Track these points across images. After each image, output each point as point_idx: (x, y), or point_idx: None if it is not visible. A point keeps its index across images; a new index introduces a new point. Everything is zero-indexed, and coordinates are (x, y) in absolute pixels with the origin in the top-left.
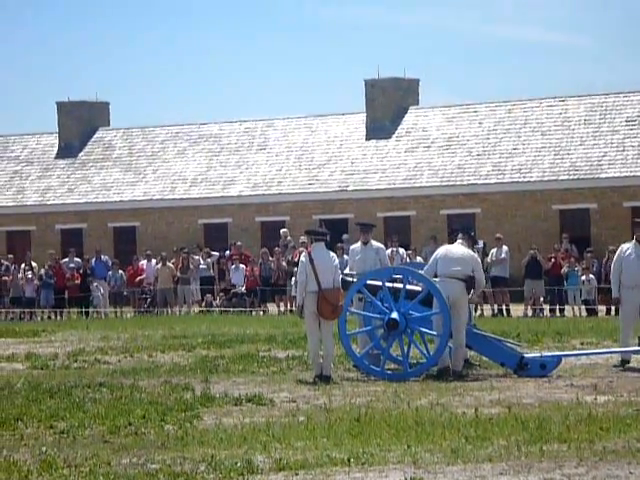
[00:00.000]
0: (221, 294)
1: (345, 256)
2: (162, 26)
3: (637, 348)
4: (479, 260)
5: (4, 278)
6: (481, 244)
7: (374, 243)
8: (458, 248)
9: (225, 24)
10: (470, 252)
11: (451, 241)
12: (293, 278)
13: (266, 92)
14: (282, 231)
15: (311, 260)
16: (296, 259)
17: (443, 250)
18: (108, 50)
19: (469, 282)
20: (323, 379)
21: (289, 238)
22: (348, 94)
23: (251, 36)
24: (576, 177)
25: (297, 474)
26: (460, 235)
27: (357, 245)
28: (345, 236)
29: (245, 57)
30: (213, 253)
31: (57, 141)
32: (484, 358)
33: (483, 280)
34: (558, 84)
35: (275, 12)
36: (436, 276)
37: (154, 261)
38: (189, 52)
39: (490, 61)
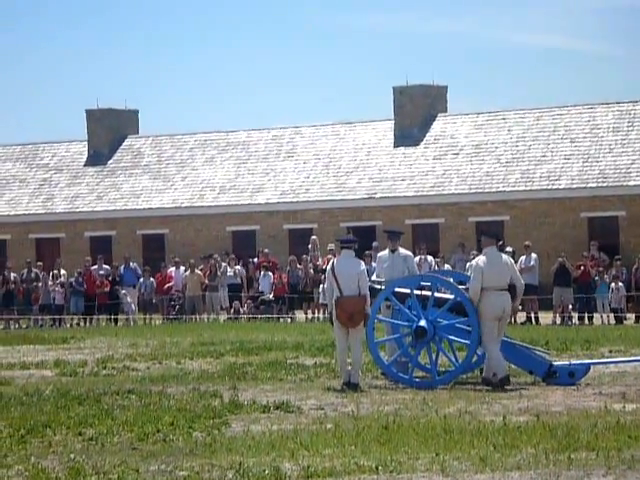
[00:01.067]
0: (249, 301)
1: (373, 263)
2: (191, 34)
3: None
4: (514, 264)
5: (34, 284)
6: (510, 250)
7: (402, 251)
8: (496, 256)
9: (253, 32)
10: (507, 257)
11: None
12: (321, 285)
13: (294, 99)
14: (311, 238)
15: (333, 268)
16: (324, 266)
17: (485, 261)
18: (137, 58)
19: (513, 291)
20: (351, 387)
21: (318, 246)
22: (376, 101)
23: (279, 44)
24: (605, 184)
25: None
26: (484, 239)
27: (385, 252)
28: (374, 243)
29: (273, 65)
30: (237, 267)
31: (86, 149)
32: (513, 366)
33: (522, 286)
34: (587, 91)
35: (303, 19)
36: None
37: (182, 268)
38: (218, 60)
39: (518, 68)
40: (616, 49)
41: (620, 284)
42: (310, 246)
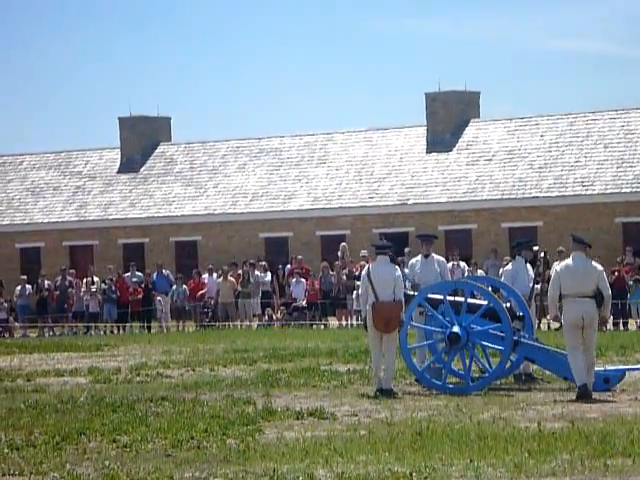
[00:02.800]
0: (282, 308)
1: (405, 270)
2: (223, 41)
3: None
4: (602, 274)
5: (68, 292)
6: (542, 254)
7: (435, 256)
8: (581, 262)
9: (285, 38)
10: (595, 265)
11: (516, 254)
12: (354, 292)
13: (326, 106)
14: (341, 245)
15: (369, 274)
16: (357, 272)
17: (563, 267)
18: (169, 65)
19: (599, 298)
20: (384, 393)
21: (347, 253)
22: (409, 107)
23: (311, 50)
24: (639, 190)
25: None
26: (573, 245)
27: (418, 258)
28: (407, 249)
29: (305, 71)
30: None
31: (119, 156)
32: (547, 372)
33: (609, 295)
34: (620, 96)
35: (336, 26)
36: (561, 297)
37: (215, 275)
38: (249, 67)
39: (551, 74)
40: None
41: None
42: (340, 253)
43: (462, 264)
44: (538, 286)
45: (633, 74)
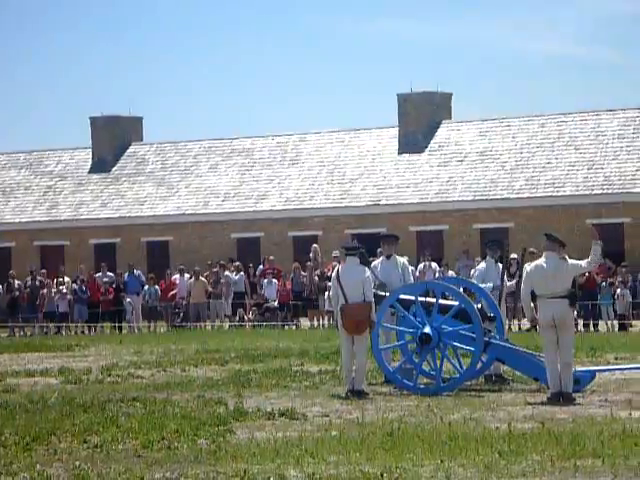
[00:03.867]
0: (253, 308)
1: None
2: (195, 41)
3: None
4: (574, 263)
5: (39, 292)
6: (513, 255)
7: (398, 257)
8: (553, 262)
9: (256, 39)
10: (568, 264)
11: (490, 254)
12: (326, 292)
13: (298, 106)
14: (313, 247)
15: (338, 275)
16: (329, 273)
17: (534, 267)
18: (141, 65)
19: (572, 297)
20: (355, 394)
21: (319, 254)
22: (381, 108)
23: (282, 50)
24: (610, 191)
25: None
26: (547, 244)
27: (379, 259)
28: (379, 250)
29: (277, 71)
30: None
31: (90, 156)
32: (517, 373)
33: (597, 257)
34: (591, 98)
35: (308, 27)
36: (534, 296)
37: (187, 275)
38: (221, 67)
39: (523, 75)
40: (621, 56)
41: (625, 290)
42: (312, 254)
43: (434, 265)
44: (511, 283)
45: (604, 76)
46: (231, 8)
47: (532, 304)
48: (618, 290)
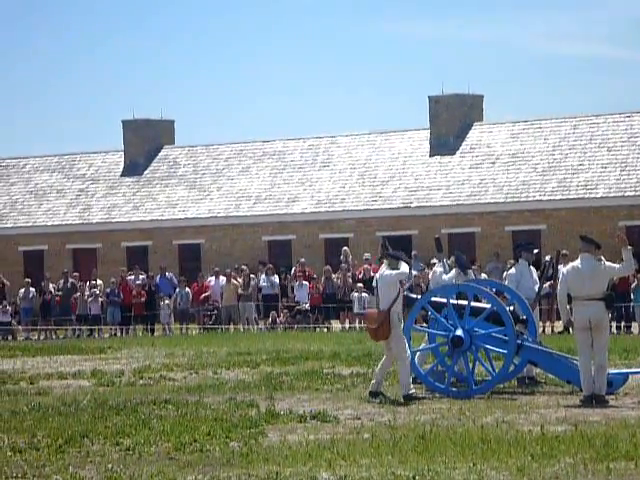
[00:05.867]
0: (285, 311)
1: (414, 271)
2: (226, 45)
3: None
4: (610, 265)
5: (72, 295)
6: (547, 258)
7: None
8: (589, 264)
9: (288, 43)
10: (604, 266)
11: (518, 257)
12: (356, 294)
13: (330, 109)
14: (343, 249)
15: (375, 280)
16: (359, 276)
17: (570, 268)
18: (173, 68)
19: (608, 300)
20: (406, 398)
21: (350, 256)
22: (412, 110)
23: (315, 54)
24: None
25: None
26: (582, 245)
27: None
28: (414, 252)
29: (309, 74)
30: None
31: (123, 159)
32: (550, 376)
33: (630, 262)
34: (624, 99)
35: (339, 29)
36: (570, 299)
37: (222, 278)
38: (253, 70)
39: (555, 77)
40: None
41: None
42: (342, 257)
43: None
44: (546, 285)
45: (637, 77)
46: (263, 12)
47: (568, 306)
48: None
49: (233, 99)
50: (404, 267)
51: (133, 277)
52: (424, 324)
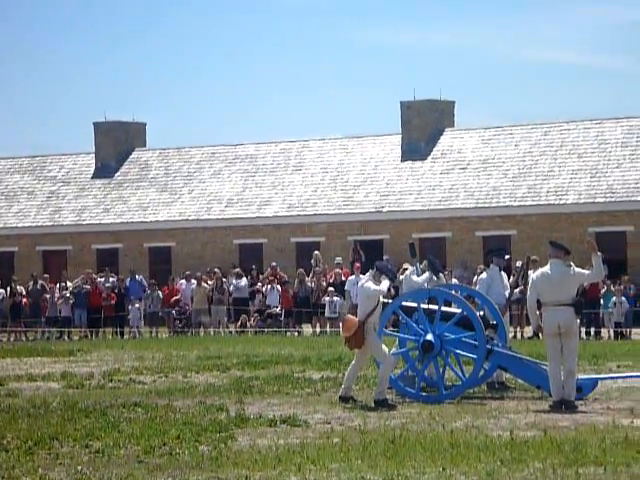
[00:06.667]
0: (256, 315)
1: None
2: (198, 47)
3: None
4: (580, 271)
5: (41, 297)
6: (518, 264)
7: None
8: (558, 270)
9: (261, 46)
10: (574, 272)
11: (489, 262)
12: (327, 298)
13: (302, 113)
14: (314, 253)
15: (347, 284)
16: (331, 280)
17: (540, 274)
18: (145, 71)
19: (578, 306)
20: (377, 404)
21: (320, 260)
22: (384, 115)
23: (287, 58)
24: (613, 199)
25: None
26: (552, 251)
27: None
28: (385, 257)
29: (281, 78)
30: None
31: (94, 161)
32: (520, 381)
33: (600, 268)
34: (595, 106)
35: (311, 34)
36: (540, 304)
37: (192, 281)
38: (225, 73)
39: (526, 83)
40: (625, 63)
41: (623, 298)
42: (313, 261)
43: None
44: (516, 291)
45: (608, 84)
46: (233, 15)
47: (537, 312)
48: (614, 298)
49: (205, 102)
50: (384, 284)
51: (103, 279)
52: (394, 328)
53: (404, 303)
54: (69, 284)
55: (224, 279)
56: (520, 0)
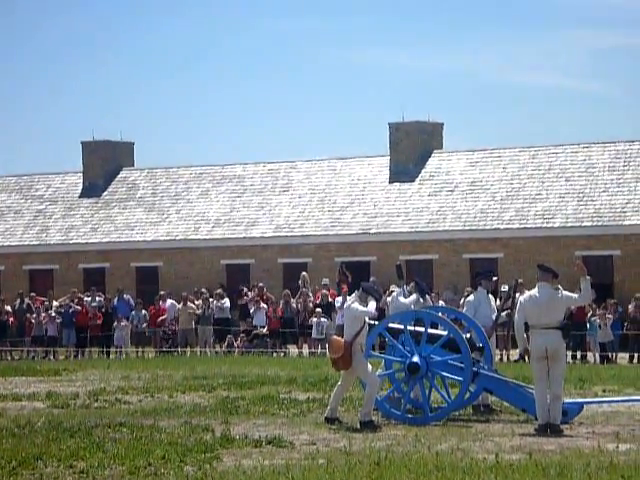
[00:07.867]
0: (242, 335)
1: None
2: (187, 67)
3: None
4: (568, 295)
5: (27, 316)
6: (505, 287)
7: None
8: (546, 293)
9: (249, 66)
10: (561, 295)
11: (477, 285)
12: (314, 319)
13: (290, 134)
14: (302, 274)
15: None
16: (317, 301)
17: (527, 297)
18: (133, 90)
19: (565, 329)
20: (364, 425)
21: (308, 282)
22: (372, 137)
23: (275, 78)
24: (600, 223)
25: None
26: (540, 274)
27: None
28: (372, 279)
29: (269, 99)
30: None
31: (81, 180)
32: (506, 404)
33: (588, 292)
34: (582, 131)
35: (299, 55)
36: (527, 327)
37: (176, 301)
38: (213, 93)
39: (514, 107)
40: (613, 89)
41: (609, 322)
42: (300, 282)
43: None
44: (504, 314)
45: (596, 108)
46: (221, 36)
47: (525, 335)
48: (598, 320)
49: (193, 122)
50: (372, 305)
51: (90, 299)
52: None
53: (390, 325)
54: (55, 303)
55: (211, 299)
56: (506, 25)
